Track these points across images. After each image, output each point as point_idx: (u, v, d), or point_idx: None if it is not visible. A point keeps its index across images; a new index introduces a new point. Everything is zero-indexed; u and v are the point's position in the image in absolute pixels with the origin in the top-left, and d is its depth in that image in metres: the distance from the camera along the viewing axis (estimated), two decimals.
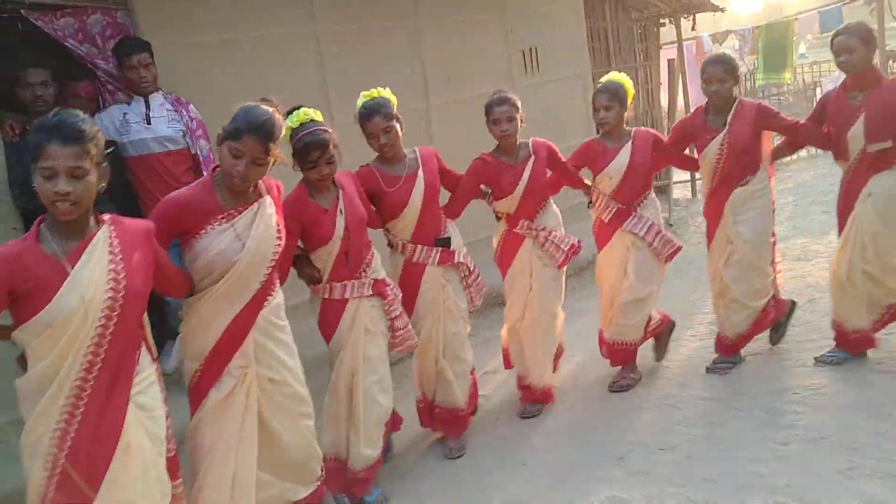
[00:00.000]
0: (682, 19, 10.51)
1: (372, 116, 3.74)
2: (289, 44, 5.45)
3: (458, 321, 4.09)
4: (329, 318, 3.61)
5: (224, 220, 2.92)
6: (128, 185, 4.53)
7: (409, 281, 3.98)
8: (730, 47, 14.06)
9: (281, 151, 2.99)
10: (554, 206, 4.42)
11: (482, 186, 4.27)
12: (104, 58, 4.49)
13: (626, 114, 4.39)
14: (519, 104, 4.15)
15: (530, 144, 4.26)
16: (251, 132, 2.85)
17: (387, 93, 3.84)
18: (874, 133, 4.00)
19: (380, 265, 3.74)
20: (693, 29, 11.15)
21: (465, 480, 3.83)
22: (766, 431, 3.79)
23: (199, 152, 4.51)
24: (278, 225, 3.07)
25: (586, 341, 5.19)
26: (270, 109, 2.97)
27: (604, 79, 4.46)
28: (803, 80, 18.24)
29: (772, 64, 13.13)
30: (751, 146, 4.26)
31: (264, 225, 2.99)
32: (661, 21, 10.38)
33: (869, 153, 4.06)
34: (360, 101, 3.81)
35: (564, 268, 4.36)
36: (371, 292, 3.62)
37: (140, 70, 4.32)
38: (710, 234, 4.49)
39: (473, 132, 5.31)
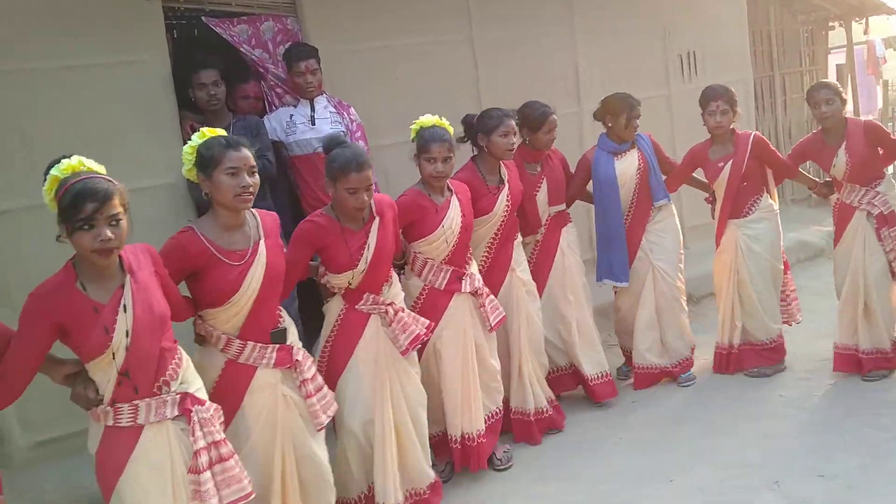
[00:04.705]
0: (853, 22, 9.90)
1: (231, 151, 2.93)
2: (445, 51, 5.55)
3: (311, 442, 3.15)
4: (114, 454, 2.56)
5: None
6: (289, 184, 4.77)
7: (232, 389, 3.01)
8: None
9: None
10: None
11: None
12: (274, 62, 4.74)
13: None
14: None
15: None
16: None
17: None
18: None
19: (193, 374, 2.77)
20: (865, 33, 10.48)
21: (610, 492, 3.77)
22: None
23: None
24: None
25: None
26: None
27: None
28: None
29: None
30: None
31: None
32: (831, 24, 9.81)
33: None
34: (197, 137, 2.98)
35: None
36: (176, 412, 2.62)
37: (307, 76, 4.52)
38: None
39: None
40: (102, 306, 2.48)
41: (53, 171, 2.47)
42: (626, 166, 4.76)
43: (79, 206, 2.38)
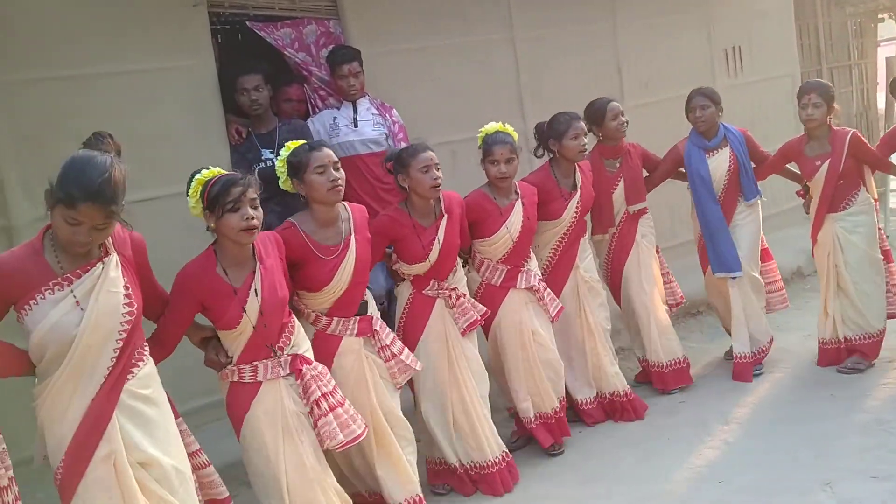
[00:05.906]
0: None
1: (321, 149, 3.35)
2: (486, 50, 5.54)
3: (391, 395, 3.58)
4: (239, 402, 3.10)
5: (58, 286, 2.49)
6: None
7: (322, 354, 3.37)
8: None
9: (121, 209, 2.48)
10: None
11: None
12: (317, 65, 4.79)
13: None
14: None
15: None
16: (88, 199, 2.37)
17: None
18: None
19: (302, 336, 3.26)
20: None
21: (659, 493, 3.73)
22: None
23: None
24: (127, 288, 2.58)
25: (792, 357, 4.92)
26: (108, 161, 2.46)
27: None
28: None
29: None
30: None
31: (105, 292, 2.52)
32: (880, 16, 9.58)
33: None
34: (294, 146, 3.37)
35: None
36: (288, 371, 3.11)
37: (350, 78, 4.56)
38: None
39: (671, 135, 5.18)
40: (237, 289, 2.96)
41: (198, 177, 2.92)
42: (718, 165, 4.83)
43: (228, 190, 2.85)
